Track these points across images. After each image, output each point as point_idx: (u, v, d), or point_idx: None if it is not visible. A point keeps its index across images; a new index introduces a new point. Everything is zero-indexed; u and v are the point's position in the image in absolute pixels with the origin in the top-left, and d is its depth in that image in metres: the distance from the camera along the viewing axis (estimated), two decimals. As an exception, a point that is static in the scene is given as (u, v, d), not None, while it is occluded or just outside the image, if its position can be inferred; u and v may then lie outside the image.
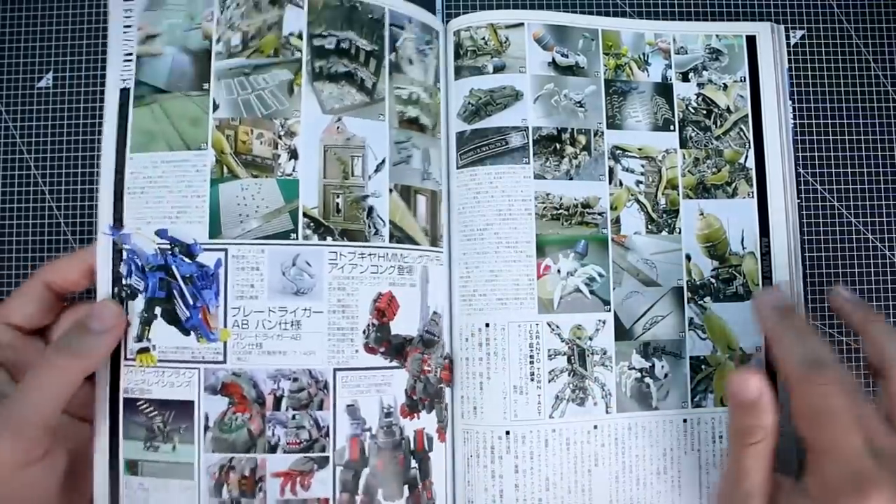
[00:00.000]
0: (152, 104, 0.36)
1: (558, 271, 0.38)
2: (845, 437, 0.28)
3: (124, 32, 0.36)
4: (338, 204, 0.36)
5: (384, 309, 0.36)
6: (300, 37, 0.37)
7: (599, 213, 0.39)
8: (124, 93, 0.36)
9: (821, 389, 0.29)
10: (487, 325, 0.38)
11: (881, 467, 0.27)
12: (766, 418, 0.30)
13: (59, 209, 0.41)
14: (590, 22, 0.41)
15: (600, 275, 0.38)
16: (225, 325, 0.35)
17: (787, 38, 0.43)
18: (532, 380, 0.37)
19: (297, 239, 0.35)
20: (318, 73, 0.37)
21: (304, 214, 0.35)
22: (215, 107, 0.36)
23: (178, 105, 0.36)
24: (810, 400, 0.30)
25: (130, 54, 0.36)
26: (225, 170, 0.35)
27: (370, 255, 0.36)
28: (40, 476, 0.31)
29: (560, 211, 0.38)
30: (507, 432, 0.37)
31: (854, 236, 0.42)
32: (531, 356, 0.37)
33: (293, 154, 0.36)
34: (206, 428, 0.35)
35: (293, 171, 0.36)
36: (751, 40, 0.42)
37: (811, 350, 0.31)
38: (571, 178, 0.39)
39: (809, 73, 0.43)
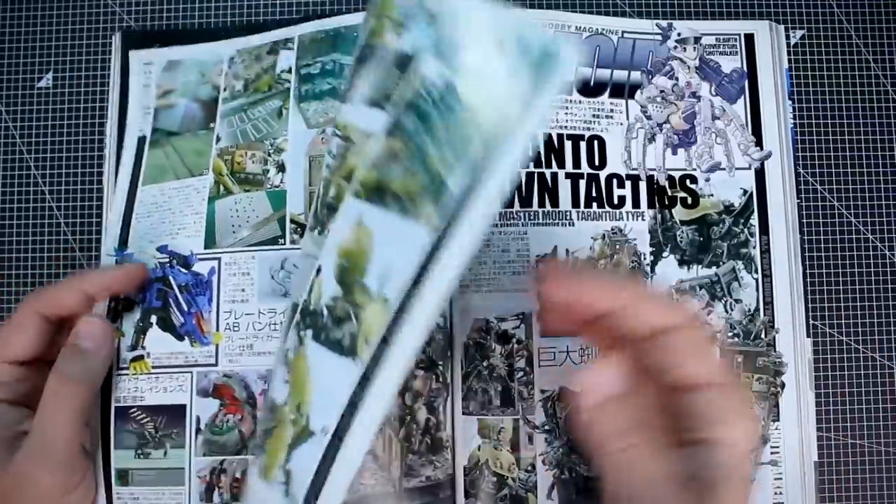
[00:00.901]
0: (165, 146, 0.39)
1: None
2: None
3: (143, 88, 0.40)
4: None
5: None
6: (290, 71, 0.40)
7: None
8: (141, 139, 0.39)
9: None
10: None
11: None
12: None
13: (59, 209, 0.41)
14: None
15: None
16: (217, 329, 0.36)
17: (787, 37, 0.43)
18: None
19: (285, 244, 0.37)
20: (304, 95, 0.39)
21: (291, 221, 0.37)
22: (218, 139, 0.39)
23: (187, 143, 0.39)
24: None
25: (149, 107, 0.40)
26: (221, 188, 0.38)
27: None
28: (82, 497, 0.32)
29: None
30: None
31: (854, 236, 0.42)
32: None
33: (281, 167, 0.38)
34: (198, 431, 0.36)
35: (281, 182, 0.38)
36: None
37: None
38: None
39: (809, 73, 0.43)
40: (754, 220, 0.40)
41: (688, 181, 0.41)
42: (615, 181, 0.40)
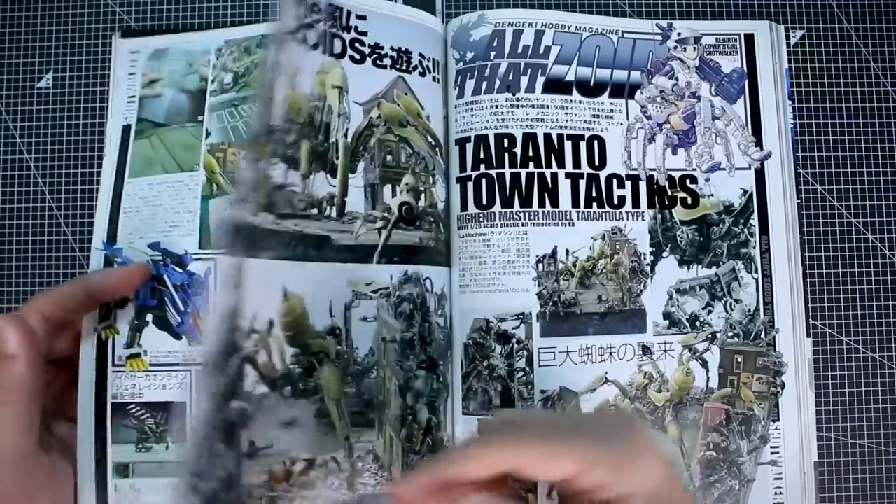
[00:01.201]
0: (151, 136, 0.39)
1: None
2: None
3: (129, 77, 0.40)
4: None
5: None
6: None
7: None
8: (126, 128, 0.39)
9: None
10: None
11: None
12: None
13: (59, 209, 0.41)
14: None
15: None
16: None
17: (787, 37, 0.43)
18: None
19: None
20: None
21: None
22: (207, 134, 0.39)
23: (174, 135, 0.39)
24: None
25: (133, 96, 0.40)
26: (215, 187, 0.38)
27: None
28: (52, 501, 0.32)
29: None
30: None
31: (854, 236, 0.42)
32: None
33: None
34: None
35: None
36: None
37: None
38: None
39: (809, 73, 0.43)
40: (754, 220, 0.40)
41: (688, 181, 0.41)
42: (615, 181, 0.40)
